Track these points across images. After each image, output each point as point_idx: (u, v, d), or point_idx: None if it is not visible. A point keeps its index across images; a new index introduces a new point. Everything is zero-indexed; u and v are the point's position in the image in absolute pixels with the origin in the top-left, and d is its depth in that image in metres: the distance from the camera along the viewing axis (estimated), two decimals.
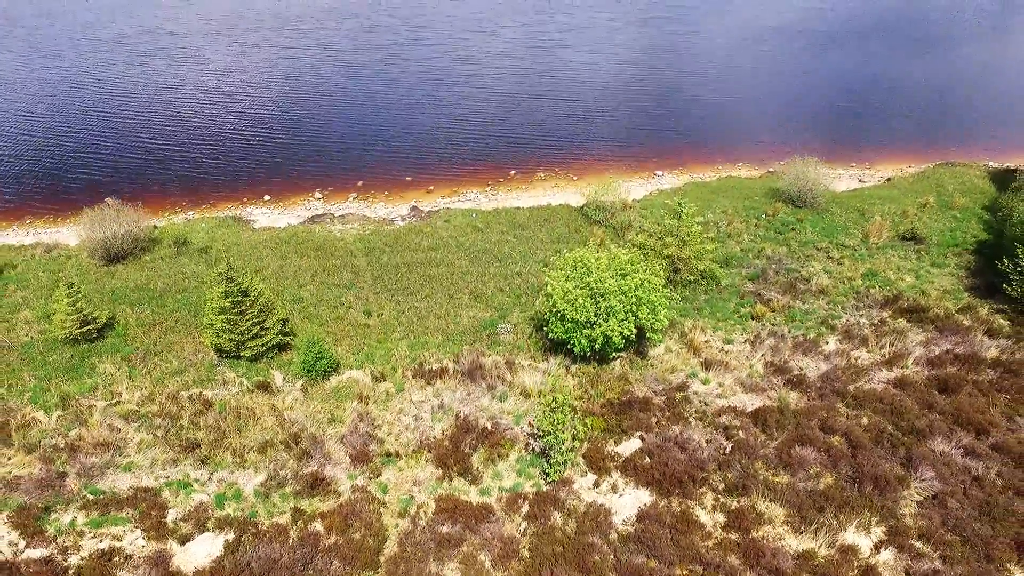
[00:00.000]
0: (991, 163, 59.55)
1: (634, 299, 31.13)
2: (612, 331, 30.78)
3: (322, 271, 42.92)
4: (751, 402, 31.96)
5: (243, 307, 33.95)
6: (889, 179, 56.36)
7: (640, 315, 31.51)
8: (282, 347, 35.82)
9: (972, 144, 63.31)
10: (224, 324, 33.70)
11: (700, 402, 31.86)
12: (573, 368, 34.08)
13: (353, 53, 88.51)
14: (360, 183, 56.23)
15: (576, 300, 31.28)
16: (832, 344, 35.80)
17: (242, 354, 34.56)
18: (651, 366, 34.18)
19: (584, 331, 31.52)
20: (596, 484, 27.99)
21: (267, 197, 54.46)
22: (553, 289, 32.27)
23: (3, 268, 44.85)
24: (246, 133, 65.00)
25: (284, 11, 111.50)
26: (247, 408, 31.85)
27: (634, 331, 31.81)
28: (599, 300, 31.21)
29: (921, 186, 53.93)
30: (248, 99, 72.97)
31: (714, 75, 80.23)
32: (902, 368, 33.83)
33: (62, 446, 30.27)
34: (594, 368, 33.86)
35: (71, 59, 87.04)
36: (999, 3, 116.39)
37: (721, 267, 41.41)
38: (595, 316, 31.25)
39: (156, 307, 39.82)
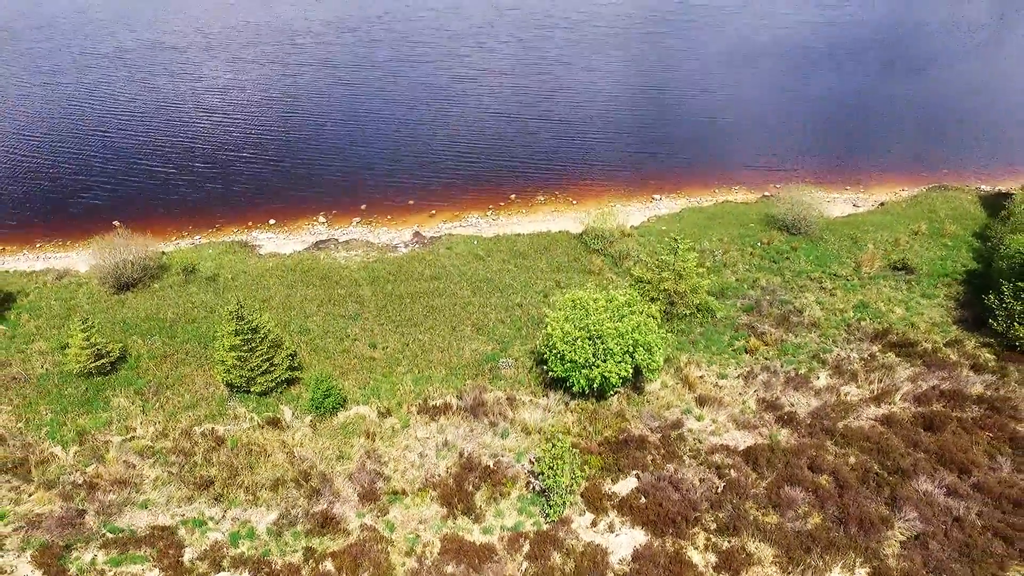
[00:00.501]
0: (983, 187, 60.72)
1: (631, 341, 32.31)
2: (610, 372, 32.00)
3: (328, 301, 44.07)
4: (743, 439, 33.20)
5: (253, 344, 35.10)
6: (883, 204, 57.51)
7: (637, 356, 32.70)
8: (290, 381, 37.02)
9: (964, 167, 64.39)
10: (235, 361, 34.88)
11: (694, 439, 33.10)
12: (572, 404, 35.27)
13: (352, 70, 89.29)
14: (363, 206, 57.31)
15: (575, 342, 32.48)
16: (823, 379, 37.02)
17: (252, 389, 35.74)
18: (647, 402, 35.40)
19: (583, 371, 32.73)
20: (594, 523, 29.24)
21: (272, 221, 55.55)
22: (553, 330, 33.44)
23: (16, 295, 46.05)
24: (248, 154, 65.97)
25: (282, 25, 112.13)
26: (258, 444, 33.08)
27: (631, 371, 33.02)
28: (597, 342, 32.39)
29: (914, 212, 55.10)
30: (250, 119, 73.86)
31: (711, 94, 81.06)
32: (890, 404, 35.07)
33: (80, 483, 31.51)
34: (592, 404, 35.07)
35: (72, 77, 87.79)
36: (995, 16, 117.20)
37: (716, 298, 42.58)
38: (593, 357, 32.45)
39: (167, 338, 40.98)
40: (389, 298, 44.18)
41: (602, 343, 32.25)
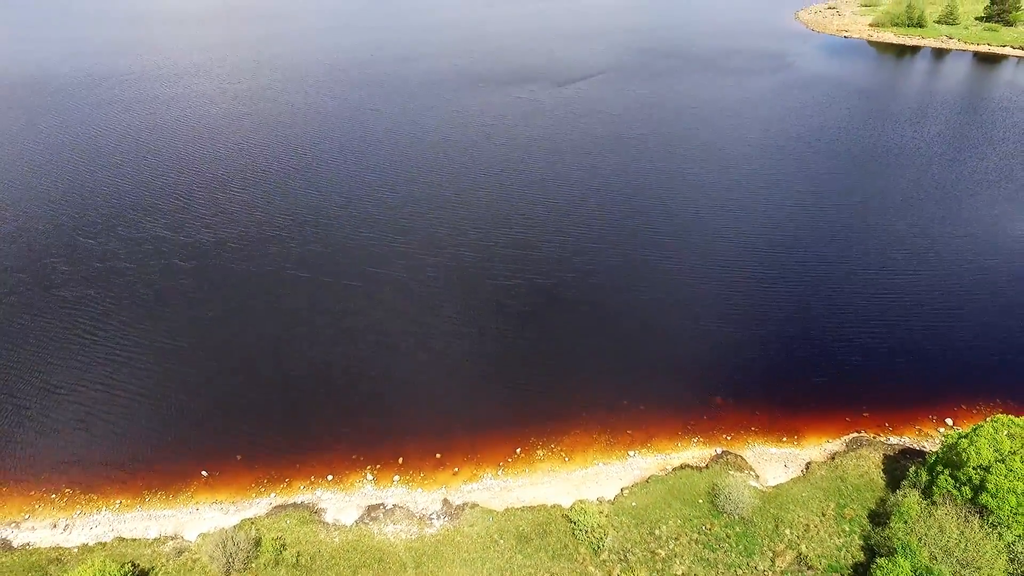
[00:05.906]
0: (892, 439, 76.43)
1: None
2: None
3: None
4: None
5: None
6: (808, 464, 73.23)
7: None
8: None
9: (880, 405, 79.81)
10: None
11: None
12: None
13: (334, 280, 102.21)
14: (400, 460, 72.46)
15: None
16: None
17: None
18: None
19: None
20: None
21: (330, 477, 70.75)
22: None
23: (148, 574, 61.71)
24: (297, 410, 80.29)
25: (259, 223, 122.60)
26: None
27: None
28: None
29: (829, 480, 70.85)
30: (296, 372, 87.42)
31: (670, 319, 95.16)
32: None
33: None
34: None
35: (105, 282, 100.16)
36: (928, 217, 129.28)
37: None
38: None
39: None
40: None
41: None
